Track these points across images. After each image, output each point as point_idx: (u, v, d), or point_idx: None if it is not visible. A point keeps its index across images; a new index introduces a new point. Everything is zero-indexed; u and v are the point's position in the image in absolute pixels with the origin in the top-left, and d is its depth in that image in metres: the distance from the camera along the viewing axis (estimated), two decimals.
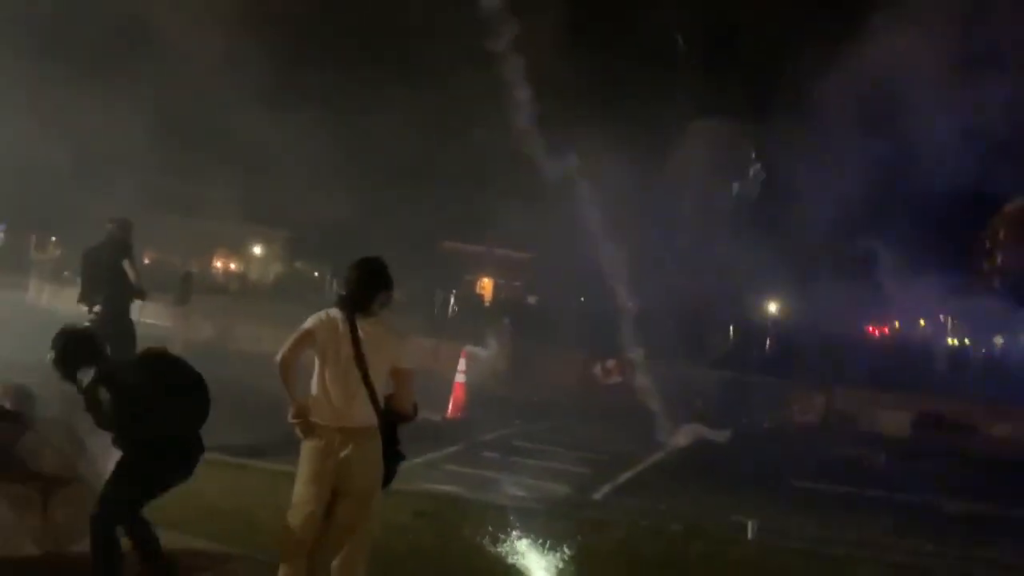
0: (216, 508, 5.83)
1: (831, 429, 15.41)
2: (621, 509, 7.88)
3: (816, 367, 18.66)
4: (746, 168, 45.09)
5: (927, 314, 43.22)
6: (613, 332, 15.83)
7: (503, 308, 34.17)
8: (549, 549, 5.98)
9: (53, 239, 46.32)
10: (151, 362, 4.50)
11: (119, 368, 4.41)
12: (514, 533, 6.22)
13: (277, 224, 49.94)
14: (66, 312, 14.17)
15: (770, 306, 40.53)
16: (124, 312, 8.47)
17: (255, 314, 22.24)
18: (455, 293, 40.66)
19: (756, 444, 12.83)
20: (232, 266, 52.56)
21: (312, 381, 4.18)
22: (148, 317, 19.27)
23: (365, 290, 4.22)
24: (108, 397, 4.21)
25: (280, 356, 4.11)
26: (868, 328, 38.27)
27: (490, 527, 6.29)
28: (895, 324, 43.22)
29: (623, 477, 9.51)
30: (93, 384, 4.25)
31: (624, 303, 15.31)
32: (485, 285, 49.85)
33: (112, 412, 4.23)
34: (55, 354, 4.37)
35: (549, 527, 6.44)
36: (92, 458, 4.81)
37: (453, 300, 38.97)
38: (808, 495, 9.60)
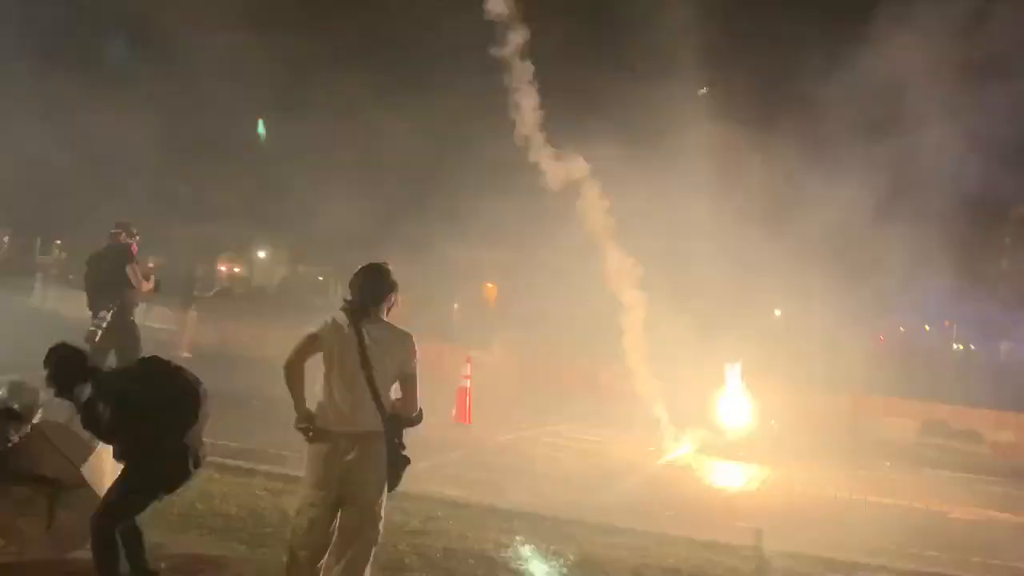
0: (220, 512, 5.83)
1: (837, 434, 15.32)
2: (626, 515, 7.84)
3: (822, 372, 18.55)
4: (751, 172, 45.06)
5: (932, 320, 43.16)
6: (618, 337, 15.77)
7: (508, 312, 34.15)
8: (554, 555, 5.97)
9: (58, 243, 46.50)
10: (148, 371, 4.50)
11: (116, 381, 4.41)
12: (519, 538, 6.21)
13: (282, 228, 50.05)
14: (71, 316, 14.22)
15: (776, 310, 40.43)
16: (129, 317, 8.49)
17: (259, 318, 22.26)
18: (460, 297, 40.64)
19: (760, 447, 12.78)
20: (236, 270, 52.62)
21: (318, 386, 4.17)
22: (153, 321, 19.36)
23: (371, 295, 4.22)
24: (108, 412, 4.21)
25: (286, 361, 4.12)
26: (879, 337, 38.10)
27: (495, 532, 6.28)
28: (899, 329, 43.13)
29: (629, 482, 9.48)
30: (92, 401, 4.25)
31: (629, 307, 15.26)
32: (490, 290, 49.82)
33: (113, 426, 4.23)
34: (48, 372, 4.36)
35: (554, 532, 6.43)
36: (97, 461, 4.80)
37: (458, 305, 38.96)
38: (815, 501, 9.56)
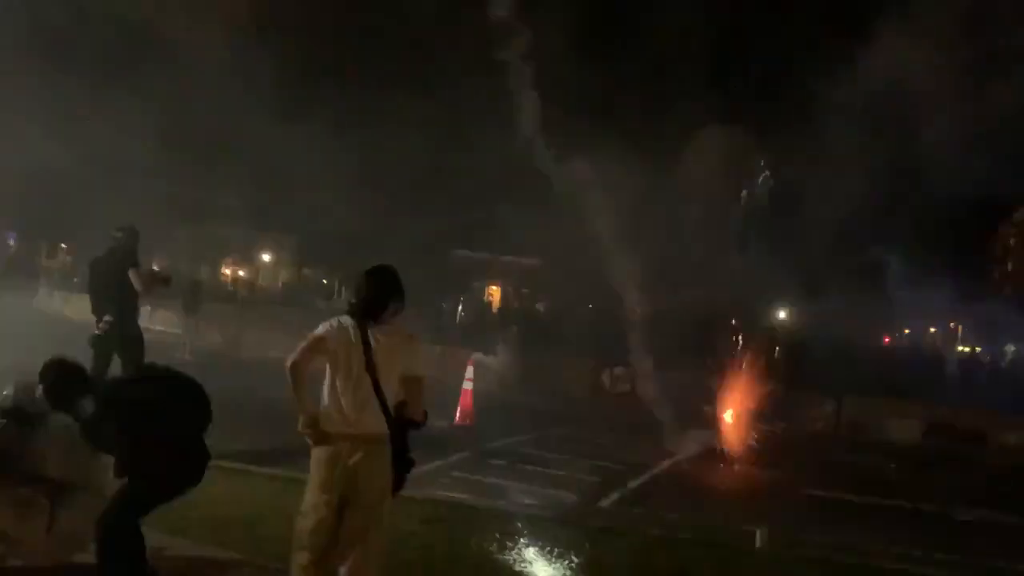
0: (224, 515, 5.83)
1: (842, 437, 15.33)
2: (630, 517, 7.85)
3: (827, 375, 18.54)
4: (755, 175, 45.06)
5: (938, 322, 43.07)
6: (622, 340, 15.78)
7: (511, 315, 34.17)
8: (557, 557, 5.97)
9: (63, 246, 46.58)
10: (148, 379, 4.50)
11: (115, 392, 4.40)
12: (522, 541, 6.21)
13: (286, 231, 50.11)
14: (76, 319, 14.26)
15: (780, 314, 40.38)
16: (133, 320, 8.49)
17: (263, 321, 22.29)
18: (463, 300, 40.65)
19: (766, 452, 12.77)
20: (241, 273, 52.67)
21: (323, 388, 4.18)
22: (158, 324, 19.42)
23: (377, 298, 4.22)
24: (110, 425, 4.20)
25: (290, 362, 4.09)
26: (885, 339, 38.03)
27: (498, 535, 6.28)
28: (904, 331, 43.05)
29: (632, 485, 9.47)
30: (95, 417, 4.24)
31: (633, 311, 15.27)
32: (493, 292, 49.83)
33: (116, 438, 4.23)
34: (45, 387, 4.36)
35: (557, 535, 6.42)
36: (103, 464, 4.80)
37: (461, 307, 38.96)
38: (819, 504, 9.55)
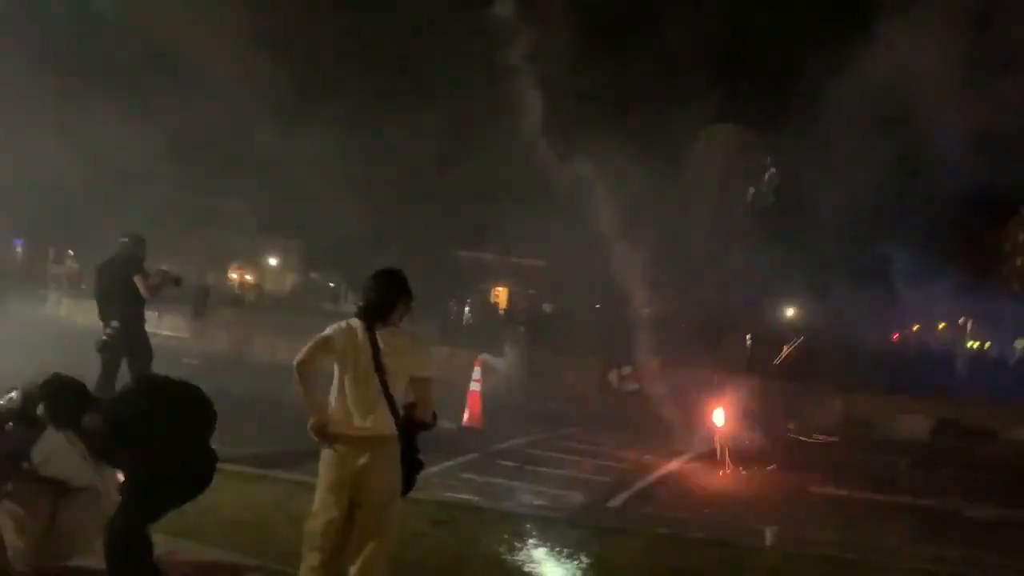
0: (233, 518, 5.84)
1: (851, 434, 15.27)
2: (639, 517, 7.84)
3: (834, 372, 18.47)
4: (761, 174, 44.98)
5: (947, 318, 42.90)
6: (629, 339, 15.76)
7: (518, 316, 34.16)
8: (567, 558, 5.97)
9: (70, 252, 46.72)
10: (149, 390, 4.50)
11: (118, 406, 4.38)
12: (531, 542, 6.21)
13: (292, 235, 50.21)
14: (84, 325, 14.30)
15: (787, 311, 40.28)
16: (139, 326, 8.51)
17: (270, 325, 22.33)
18: (469, 301, 40.68)
19: (775, 450, 12.74)
20: (247, 277, 52.79)
21: (331, 390, 4.18)
22: (165, 329, 19.47)
23: (385, 301, 4.23)
24: (115, 440, 4.19)
25: (297, 360, 4.10)
26: (894, 336, 37.86)
27: (507, 535, 6.28)
28: (913, 328, 42.88)
29: (640, 485, 9.46)
30: (100, 436, 4.23)
31: (640, 310, 15.26)
32: (499, 293, 49.86)
33: (122, 452, 4.23)
34: (46, 407, 4.35)
35: (567, 535, 6.42)
36: (105, 465, 4.80)
37: (468, 308, 38.99)
38: (828, 501, 9.52)
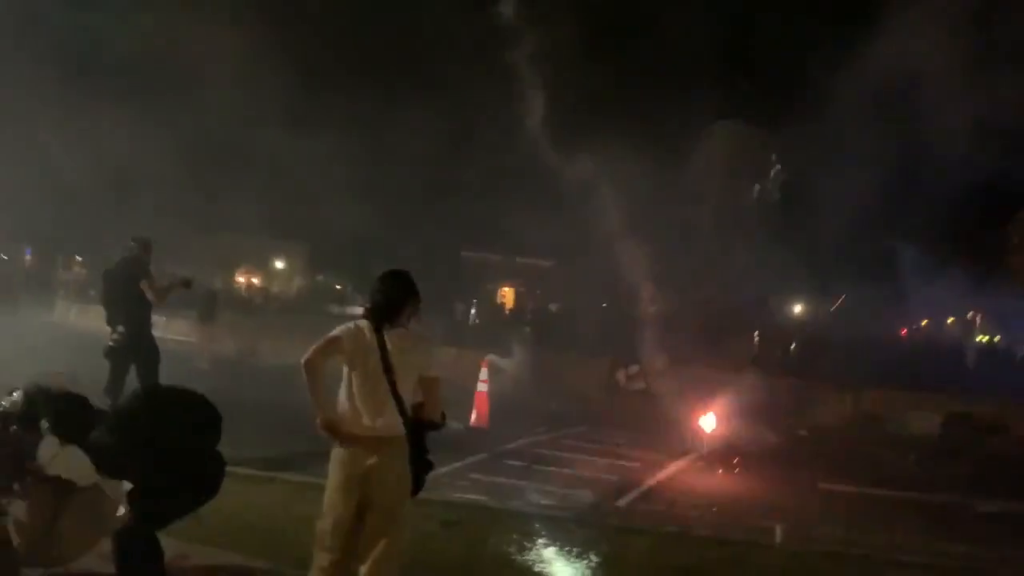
0: (242, 521, 5.86)
1: (860, 430, 15.23)
2: (648, 516, 7.84)
3: (844, 368, 18.43)
4: (767, 171, 44.86)
5: (956, 312, 42.70)
6: (636, 338, 15.75)
7: (524, 316, 34.16)
8: (576, 557, 5.97)
9: (79, 259, 46.92)
10: (153, 400, 4.52)
11: (122, 420, 4.40)
12: (540, 541, 6.22)
13: (299, 238, 50.30)
14: (92, 331, 14.35)
15: (795, 308, 40.20)
16: (146, 330, 8.54)
17: (278, 328, 22.37)
18: (476, 302, 40.70)
19: (784, 446, 12.73)
20: (255, 281, 52.92)
21: (340, 391, 4.20)
22: (173, 333, 19.52)
23: (393, 302, 4.25)
24: (123, 453, 4.22)
25: (305, 358, 4.09)
26: (903, 330, 37.73)
27: (516, 535, 6.29)
28: (923, 323, 42.74)
29: (648, 483, 9.46)
30: (106, 450, 4.25)
31: (646, 308, 15.26)
32: (506, 293, 49.86)
33: (131, 464, 4.25)
34: (50, 424, 4.36)
35: (575, 535, 6.43)
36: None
37: (474, 309, 39.00)
38: (837, 498, 9.51)
